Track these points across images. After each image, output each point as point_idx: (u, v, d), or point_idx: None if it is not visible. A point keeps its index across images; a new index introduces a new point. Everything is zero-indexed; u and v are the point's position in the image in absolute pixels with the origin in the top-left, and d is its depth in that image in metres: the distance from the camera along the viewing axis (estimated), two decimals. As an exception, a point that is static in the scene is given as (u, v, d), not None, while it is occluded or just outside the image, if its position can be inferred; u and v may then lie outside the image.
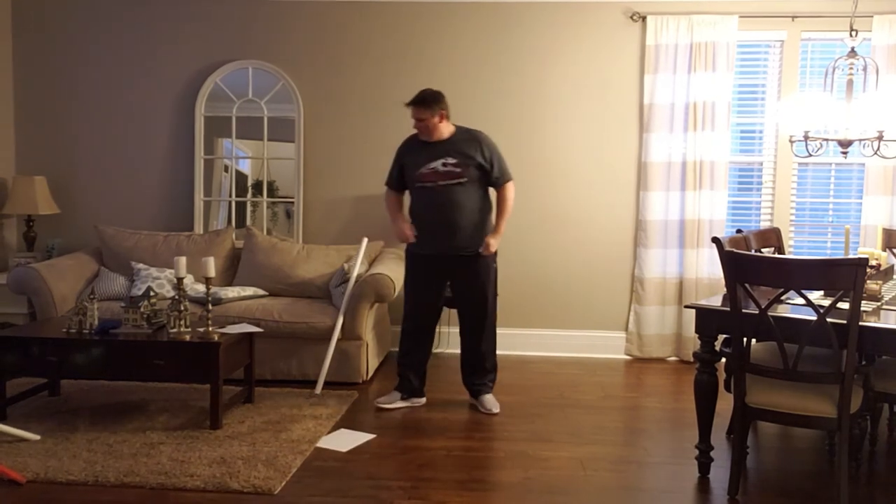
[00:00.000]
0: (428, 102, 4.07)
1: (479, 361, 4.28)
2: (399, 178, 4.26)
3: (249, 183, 5.66)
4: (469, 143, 4.11)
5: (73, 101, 5.67)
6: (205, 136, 5.56)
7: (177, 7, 5.56)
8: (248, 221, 5.58)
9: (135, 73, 5.62)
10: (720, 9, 5.20)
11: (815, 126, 3.72)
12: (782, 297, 3.13)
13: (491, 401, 4.25)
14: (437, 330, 4.41)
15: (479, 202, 4.14)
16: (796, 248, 5.47)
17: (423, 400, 4.36)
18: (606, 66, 5.39)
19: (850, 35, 3.70)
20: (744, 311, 3.10)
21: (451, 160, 4.06)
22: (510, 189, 4.21)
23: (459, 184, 4.05)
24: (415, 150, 4.17)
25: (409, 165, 4.17)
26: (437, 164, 4.07)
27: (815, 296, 3.34)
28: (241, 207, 5.64)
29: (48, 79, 5.67)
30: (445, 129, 4.13)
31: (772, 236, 4.42)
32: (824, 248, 5.49)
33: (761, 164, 5.46)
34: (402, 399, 4.30)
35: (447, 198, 4.07)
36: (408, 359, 4.31)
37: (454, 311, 5.35)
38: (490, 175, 4.14)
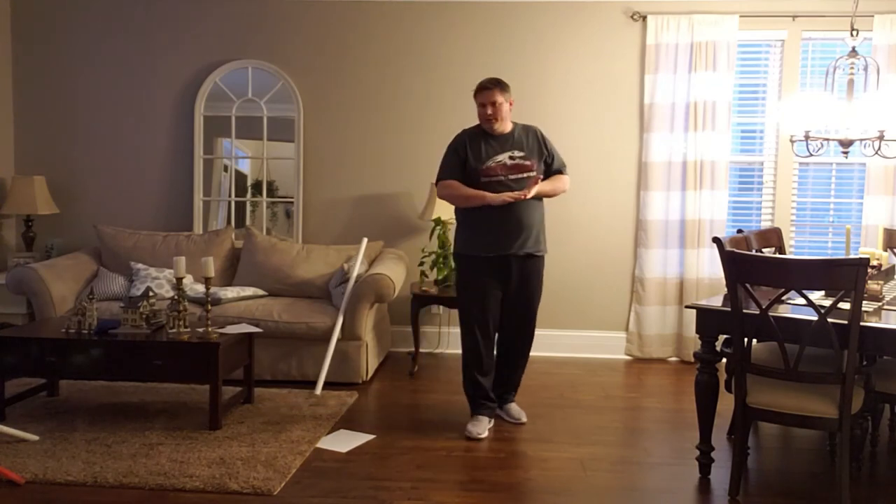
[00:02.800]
0: (503, 85, 3.85)
1: (517, 370, 4.09)
2: (459, 172, 3.88)
3: (249, 183, 5.66)
4: (531, 136, 3.94)
5: (72, 101, 5.67)
6: (204, 136, 5.55)
7: (176, 7, 5.55)
8: (248, 221, 5.58)
9: (134, 73, 5.62)
10: (721, 8, 5.19)
11: (816, 126, 3.71)
12: (783, 298, 3.12)
13: (518, 410, 4.09)
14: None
15: (540, 200, 3.94)
16: (797, 248, 5.46)
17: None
18: (607, 66, 5.38)
19: (851, 35, 3.70)
20: (745, 311, 3.10)
21: (518, 153, 3.85)
22: (567, 179, 4.03)
23: (529, 178, 3.82)
24: (477, 144, 3.88)
25: (472, 159, 3.85)
26: (504, 158, 3.84)
27: (816, 296, 3.34)
28: (240, 207, 5.63)
29: (47, 78, 5.67)
30: (508, 122, 3.92)
31: (772, 236, 4.41)
32: (825, 248, 5.48)
33: (762, 163, 5.45)
34: (489, 420, 4.00)
35: None
36: (482, 378, 3.97)
37: (455, 311, 5.37)
38: (550, 168, 3.96)
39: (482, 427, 3.91)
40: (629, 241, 5.46)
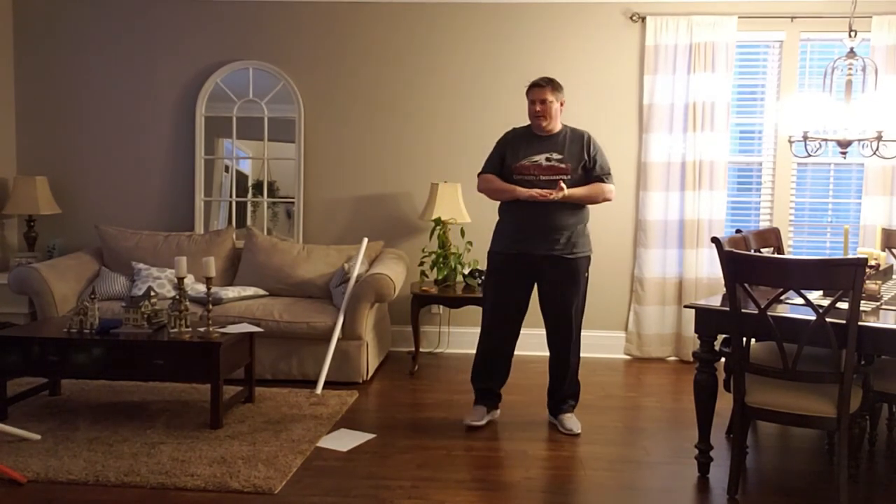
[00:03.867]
0: (555, 85, 3.88)
1: (564, 378, 4.02)
2: (498, 168, 3.96)
3: (250, 183, 5.67)
4: (575, 140, 3.92)
5: (74, 102, 5.68)
6: (205, 137, 5.57)
7: (178, 8, 5.57)
8: (249, 221, 5.59)
9: (136, 74, 5.63)
10: (719, 9, 5.21)
11: (815, 126, 3.73)
12: (782, 297, 3.14)
13: (572, 421, 3.98)
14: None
15: (578, 204, 3.91)
16: (795, 248, 5.47)
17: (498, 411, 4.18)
18: (606, 67, 5.40)
19: (849, 35, 3.71)
20: (743, 310, 3.11)
21: (555, 155, 3.86)
22: (609, 187, 3.97)
23: (562, 181, 3.79)
24: (519, 142, 3.95)
25: (510, 156, 3.92)
26: (541, 158, 3.86)
27: (815, 296, 3.35)
28: (241, 207, 5.65)
29: (49, 79, 5.68)
30: (557, 123, 3.94)
31: (771, 236, 4.43)
32: (823, 248, 5.50)
33: (760, 164, 5.47)
34: (489, 412, 4.07)
35: None
36: (490, 373, 4.06)
37: (455, 311, 5.40)
38: (591, 174, 3.92)
39: (478, 416, 3.99)
40: (628, 241, 5.48)
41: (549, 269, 3.89)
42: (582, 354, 5.18)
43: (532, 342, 5.50)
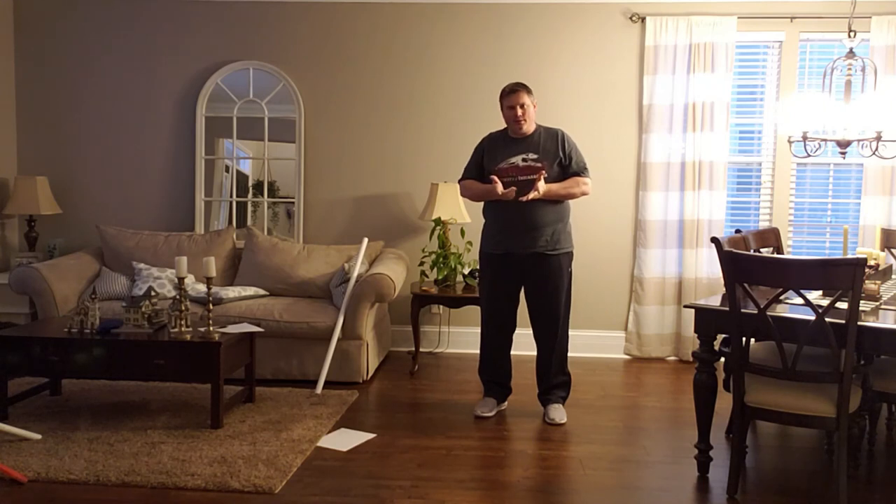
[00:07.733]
0: (527, 88, 3.99)
1: (548, 369, 4.18)
2: (477, 172, 4.12)
3: (250, 183, 5.68)
4: (550, 139, 4.03)
5: (74, 102, 5.69)
6: (206, 137, 5.57)
7: (178, 8, 5.57)
8: (249, 221, 5.60)
9: (136, 74, 5.64)
10: (719, 10, 5.21)
11: (814, 126, 3.73)
12: (781, 297, 3.14)
13: (557, 411, 4.11)
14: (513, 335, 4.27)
15: (558, 201, 4.02)
16: (795, 248, 5.48)
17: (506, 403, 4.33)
18: (606, 67, 5.40)
19: (849, 36, 3.72)
20: (743, 310, 3.12)
21: (531, 155, 3.96)
22: (585, 180, 4.06)
23: (540, 175, 3.89)
24: (496, 145, 4.08)
25: (487, 160, 4.06)
26: (518, 160, 3.96)
27: (814, 296, 3.35)
28: (241, 207, 5.65)
29: (50, 79, 5.69)
30: (532, 124, 4.04)
31: (770, 236, 4.44)
32: (823, 248, 5.50)
33: (760, 164, 5.47)
34: (498, 404, 4.25)
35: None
36: (493, 366, 4.24)
37: (455, 311, 5.41)
38: (567, 170, 4.03)
39: (487, 407, 4.17)
40: (628, 241, 5.48)
41: (534, 266, 4.03)
42: (582, 354, 5.18)
43: (530, 342, 5.52)
